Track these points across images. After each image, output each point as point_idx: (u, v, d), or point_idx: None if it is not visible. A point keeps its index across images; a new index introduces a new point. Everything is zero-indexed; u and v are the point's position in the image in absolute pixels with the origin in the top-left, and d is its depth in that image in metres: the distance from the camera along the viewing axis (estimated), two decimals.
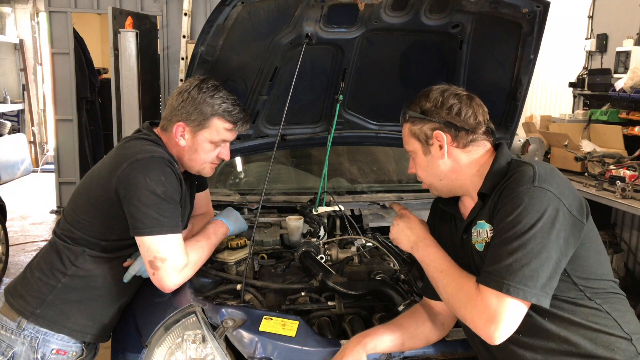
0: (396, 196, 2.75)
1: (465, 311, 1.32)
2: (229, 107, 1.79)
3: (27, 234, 6.23)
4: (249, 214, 2.48)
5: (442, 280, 1.42)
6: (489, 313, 1.25)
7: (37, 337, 1.73)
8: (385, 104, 2.56)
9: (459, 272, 1.41)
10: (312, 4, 1.91)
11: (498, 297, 1.25)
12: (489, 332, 1.25)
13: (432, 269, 1.47)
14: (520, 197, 1.29)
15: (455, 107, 1.47)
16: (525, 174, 1.32)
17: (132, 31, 4.97)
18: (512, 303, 1.24)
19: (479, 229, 1.42)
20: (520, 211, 1.27)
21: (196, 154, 1.81)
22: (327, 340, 1.64)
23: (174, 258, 1.64)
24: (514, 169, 1.39)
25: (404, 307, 1.71)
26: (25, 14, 9.74)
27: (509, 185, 1.34)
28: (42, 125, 10.22)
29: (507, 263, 1.25)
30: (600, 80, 5.05)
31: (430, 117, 1.49)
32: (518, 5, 1.95)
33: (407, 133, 1.56)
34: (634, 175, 3.76)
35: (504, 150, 1.49)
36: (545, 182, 1.30)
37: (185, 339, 1.58)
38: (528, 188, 1.29)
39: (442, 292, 1.43)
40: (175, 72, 6.28)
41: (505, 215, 1.30)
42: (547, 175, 1.32)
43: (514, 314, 1.25)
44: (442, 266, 1.45)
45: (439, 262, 1.46)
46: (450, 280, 1.40)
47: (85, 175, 1.83)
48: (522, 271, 1.24)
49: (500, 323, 1.24)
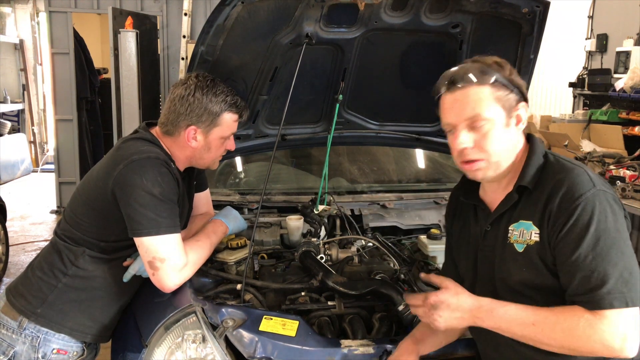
0: (396, 196, 2.75)
1: (594, 344, 1.20)
2: (232, 98, 1.81)
3: (27, 234, 6.23)
4: (249, 214, 2.48)
5: (543, 331, 1.25)
6: (621, 333, 1.18)
7: (38, 336, 1.73)
8: (385, 104, 2.56)
9: (551, 311, 1.26)
10: (312, 4, 1.91)
11: (621, 313, 1.19)
12: (625, 352, 1.19)
13: (517, 328, 1.28)
14: (590, 203, 1.23)
15: (524, 85, 1.38)
16: (582, 177, 1.27)
17: (132, 31, 4.97)
18: (633, 312, 1.20)
19: (523, 228, 1.33)
20: (598, 219, 1.22)
21: (209, 152, 1.84)
22: (327, 340, 1.64)
23: (173, 258, 1.65)
24: (561, 169, 1.31)
25: (404, 307, 1.71)
26: (25, 14, 9.74)
27: (569, 191, 1.26)
28: (42, 125, 10.22)
29: (617, 276, 1.19)
30: (600, 80, 5.06)
31: (516, 85, 1.35)
32: (518, 5, 1.96)
33: (487, 97, 1.33)
34: (634, 175, 3.76)
35: (537, 142, 1.41)
36: (601, 184, 1.27)
37: (185, 339, 1.58)
38: (593, 193, 1.24)
39: (550, 343, 1.25)
40: (175, 72, 6.28)
41: (583, 227, 1.22)
42: (597, 176, 1.30)
43: (636, 322, 1.20)
44: (529, 318, 1.27)
45: (522, 316, 1.28)
46: (552, 326, 1.24)
47: (85, 177, 1.84)
48: (633, 277, 1.20)
49: (632, 337, 1.19)
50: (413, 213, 2.60)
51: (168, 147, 1.82)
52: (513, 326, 1.29)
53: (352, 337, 1.68)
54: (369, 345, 1.61)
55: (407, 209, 2.63)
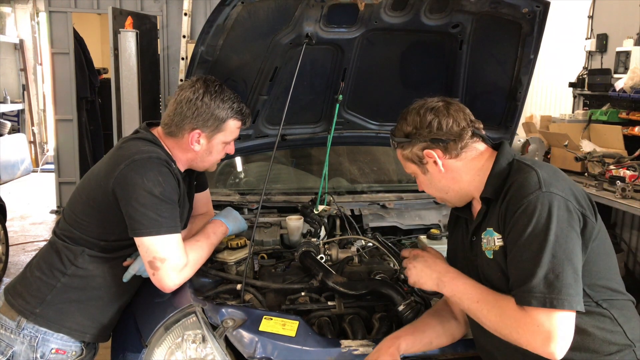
0: (396, 196, 2.75)
1: (517, 336, 1.27)
2: (238, 106, 1.83)
3: (27, 234, 6.23)
4: (249, 214, 2.48)
5: (482, 310, 1.36)
6: (544, 332, 1.22)
7: (37, 336, 1.73)
8: (385, 104, 2.56)
9: (495, 296, 1.35)
10: (312, 4, 1.91)
11: (546, 314, 1.22)
12: (549, 351, 1.22)
13: (466, 301, 1.40)
14: (531, 205, 1.26)
15: (435, 122, 1.47)
16: (530, 180, 1.30)
17: (132, 31, 4.97)
18: (561, 316, 1.22)
19: (488, 236, 1.40)
20: (536, 221, 1.25)
21: (210, 155, 1.86)
22: (327, 340, 1.64)
23: (174, 258, 1.65)
24: (515, 173, 1.37)
25: (404, 307, 1.71)
26: (25, 14, 9.74)
27: (516, 194, 1.31)
28: (42, 125, 10.22)
29: (541, 276, 1.23)
30: (600, 80, 5.05)
31: (414, 139, 1.50)
32: (518, 5, 1.96)
33: (401, 158, 1.58)
34: (634, 175, 3.75)
35: (504, 151, 1.46)
36: (552, 186, 1.28)
37: (185, 339, 1.58)
38: (537, 195, 1.27)
39: (485, 322, 1.36)
40: (175, 72, 6.28)
41: (522, 227, 1.27)
42: (551, 178, 1.31)
43: (567, 326, 1.23)
44: (476, 295, 1.39)
45: (472, 292, 1.40)
46: (489, 308, 1.34)
47: (84, 176, 1.84)
48: (558, 281, 1.22)
49: (558, 339, 1.21)
50: (413, 213, 2.60)
51: (169, 148, 1.82)
52: (464, 298, 1.41)
53: (352, 337, 1.68)
54: (369, 345, 1.60)
55: (407, 209, 2.64)
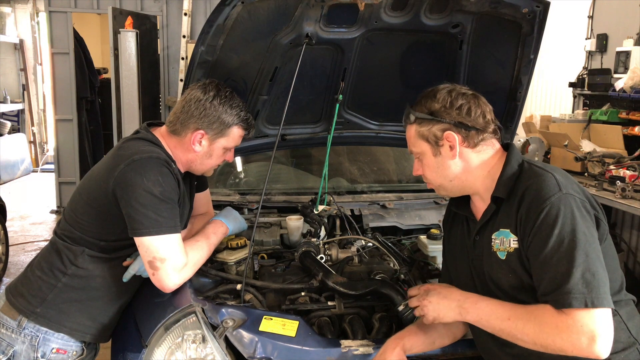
0: (396, 196, 2.75)
1: (561, 342, 1.23)
2: (245, 115, 1.85)
3: (27, 234, 6.23)
4: (249, 214, 2.48)
5: (516, 327, 1.30)
6: (588, 332, 1.21)
7: (38, 336, 1.73)
8: (385, 104, 2.56)
9: (525, 308, 1.32)
10: (312, 4, 1.91)
11: (588, 313, 1.21)
12: (595, 351, 1.21)
13: (495, 322, 1.35)
14: (554, 207, 1.27)
15: (465, 107, 1.45)
16: (549, 183, 1.31)
17: (132, 31, 4.97)
18: (602, 314, 1.22)
19: (503, 237, 1.39)
20: (561, 222, 1.25)
21: (210, 159, 1.86)
22: (327, 340, 1.64)
23: (174, 258, 1.65)
24: (530, 176, 1.37)
25: (404, 307, 1.71)
26: (25, 14, 9.73)
27: (536, 197, 1.30)
28: (42, 125, 10.22)
29: (578, 277, 1.22)
30: (600, 80, 5.05)
31: (440, 117, 1.46)
32: (518, 5, 1.96)
33: (413, 134, 1.52)
34: (634, 175, 3.75)
35: (514, 152, 1.46)
36: (570, 188, 1.30)
37: (185, 339, 1.58)
38: (559, 197, 1.27)
39: (522, 337, 1.30)
40: (175, 72, 6.28)
41: (548, 230, 1.26)
42: (566, 180, 1.33)
43: (608, 323, 1.23)
44: (505, 313, 1.34)
45: (499, 311, 1.35)
46: (525, 322, 1.29)
47: (85, 176, 1.84)
48: (595, 279, 1.22)
49: (601, 337, 1.21)
50: (413, 213, 2.60)
51: (171, 148, 1.82)
52: (492, 320, 1.36)
53: (352, 337, 1.68)
54: (369, 345, 1.61)
55: (407, 209, 2.63)
